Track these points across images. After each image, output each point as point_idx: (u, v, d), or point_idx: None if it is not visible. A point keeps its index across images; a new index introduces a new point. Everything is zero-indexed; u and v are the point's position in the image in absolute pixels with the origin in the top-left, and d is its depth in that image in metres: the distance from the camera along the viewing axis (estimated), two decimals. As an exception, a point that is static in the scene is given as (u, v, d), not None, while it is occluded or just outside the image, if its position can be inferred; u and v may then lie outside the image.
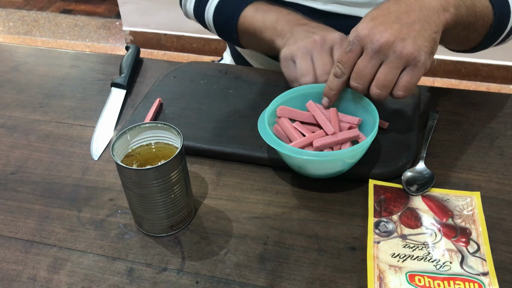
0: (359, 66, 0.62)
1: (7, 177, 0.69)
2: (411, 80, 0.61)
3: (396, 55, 0.60)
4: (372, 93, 0.63)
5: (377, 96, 0.63)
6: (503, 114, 0.77)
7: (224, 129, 0.73)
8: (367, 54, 0.61)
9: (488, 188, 0.64)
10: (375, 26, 0.61)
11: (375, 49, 0.60)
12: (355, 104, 0.67)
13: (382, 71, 0.61)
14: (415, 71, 0.61)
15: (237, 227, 0.61)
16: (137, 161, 0.59)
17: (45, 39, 2.78)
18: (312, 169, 0.64)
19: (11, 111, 0.82)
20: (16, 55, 0.97)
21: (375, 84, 0.62)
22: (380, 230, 0.59)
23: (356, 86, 0.63)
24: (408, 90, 0.62)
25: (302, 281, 0.55)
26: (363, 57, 0.62)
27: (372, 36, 0.61)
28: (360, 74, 0.62)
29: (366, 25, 0.62)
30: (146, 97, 0.80)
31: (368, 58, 0.61)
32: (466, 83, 2.32)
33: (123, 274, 0.56)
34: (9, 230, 0.62)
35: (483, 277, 0.53)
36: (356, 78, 0.63)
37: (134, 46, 0.93)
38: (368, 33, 0.61)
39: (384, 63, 0.61)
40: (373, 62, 0.61)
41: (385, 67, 0.61)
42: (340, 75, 0.64)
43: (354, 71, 0.63)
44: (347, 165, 0.63)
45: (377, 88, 0.62)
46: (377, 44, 0.60)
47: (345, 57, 0.63)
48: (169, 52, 2.62)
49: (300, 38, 0.72)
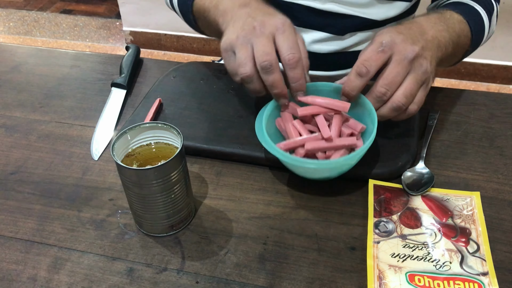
0: (393, 73, 0.61)
1: (7, 177, 0.69)
2: (423, 97, 0.64)
3: (423, 70, 0.62)
4: (395, 102, 0.62)
5: (399, 105, 0.62)
6: (503, 114, 0.77)
7: (224, 129, 0.73)
8: (400, 63, 0.61)
9: (488, 188, 0.64)
10: (406, 38, 0.62)
11: (410, 59, 0.61)
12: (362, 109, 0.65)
13: (410, 81, 0.61)
14: (426, 89, 0.64)
15: (237, 227, 0.61)
16: (137, 161, 0.59)
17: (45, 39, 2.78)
18: (302, 173, 0.64)
19: (11, 111, 0.82)
20: (16, 55, 0.97)
21: (403, 93, 0.61)
22: (380, 230, 0.59)
23: (385, 92, 0.61)
24: (420, 106, 0.64)
25: (302, 281, 0.55)
26: (395, 65, 0.61)
27: (406, 46, 0.61)
28: (393, 81, 0.61)
29: (397, 36, 0.62)
30: (146, 97, 0.80)
31: (401, 66, 0.61)
32: (466, 83, 2.32)
33: (123, 274, 0.56)
34: (9, 230, 0.62)
35: (483, 277, 0.53)
36: (388, 84, 0.61)
37: (134, 46, 0.93)
38: (402, 42, 0.62)
39: (411, 75, 0.62)
40: (404, 71, 0.61)
41: (412, 78, 0.62)
42: (366, 73, 0.61)
43: (386, 78, 0.61)
44: (335, 173, 0.63)
45: (404, 97, 0.61)
46: (412, 54, 0.61)
47: (375, 56, 0.61)
48: (169, 52, 2.63)
49: (239, 26, 0.66)
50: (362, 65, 0.61)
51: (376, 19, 0.85)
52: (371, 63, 0.61)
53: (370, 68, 0.61)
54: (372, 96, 0.63)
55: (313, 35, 0.88)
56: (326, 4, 0.84)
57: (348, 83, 0.63)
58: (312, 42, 0.88)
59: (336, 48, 0.88)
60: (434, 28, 0.67)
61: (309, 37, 0.88)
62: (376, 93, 0.62)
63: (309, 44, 0.88)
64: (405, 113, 0.64)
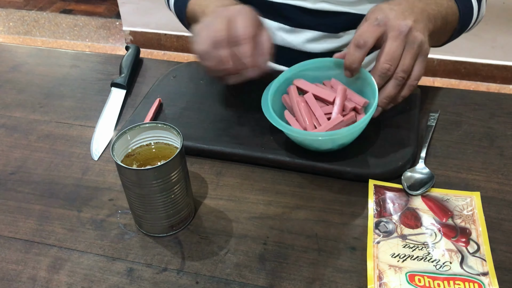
0: (392, 48, 0.63)
1: (7, 177, 0.69)
2: (422, 70, 0.65)
3: (417, 43, 0.64)
4: (396, 77, 0.64)
5: (399, 81, 0.64)
6: (503, 114, 0.77)
7: (224, 129, 0.73)
8: (397, 38, 0.63)
9: (488, 188, 0.64)
10: (398, 14, 0.65)
11: (405, 33, 0.63)
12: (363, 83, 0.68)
13: (407, 56, 0.64)
14: (423, 62, 0.65)
15: (237, 227, 0.61)
16: (137, 161, 0.59)
17: (45, 39, 2.78)
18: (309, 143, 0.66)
19: (11, 111, 0.82)
20: (16, 55, 0.97)
21: (402, 68, 0.64)
22: (380, 230, 0.59)
23: (389, 67, 0.64)
24: (419, 79, 0.65)
25: (302, 281, 0.55)
26: (392, 40, 0.63)
27: (400, 22, 0.64)
28: (394, 56, 0.63)
29: (390, 12, 0.65)
30: (146, 97, 0.80)
31: (399, 41, 0.63)
32: (466, 83, 2.32)
33: (123, 274, 0.56)
34: (9, 230, 0.62)
35: (483, 277, 0.53)
36: (390, 60, 0.63)
37: (134, 46, 0.93)
38: (395, 18, 0.64)
39: (407, 49, 0.64)
40: (402, 45, 0.64)
41: (408, 52, 0.64)
42: (363, 44, 0.63)
43: (388, 53, 0.64)
44: (340, 142, 0.65)
45: (403, 72, 0.64)
46: (406, 29, 0.63)
47: (371, 29, 0.64)
48: (169, 52, 2.62)
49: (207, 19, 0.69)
50: (360, 37, 0.64)
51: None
52: (368, 35, 0.64)
53: (368, 39, 0.63)
54: (376, 74, 0.65)
55: (307, 35, 0.88)
56: (317, 3, 0.84)
57: (348, 57, 0.65)
58: (306, 41, 0.88)
59: (330, 46, 0.88)
60: (423, 2, 0.70)
61: (302, 37, 0.88)
62: (381, 70, 0.64)
63: (303, 44, 0.89)
64: (407, 88, 0.66)
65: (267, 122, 0.65)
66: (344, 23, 0.87)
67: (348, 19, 0.86)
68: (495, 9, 2.06)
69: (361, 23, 0.68)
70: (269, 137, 0.70)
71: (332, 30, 0.87)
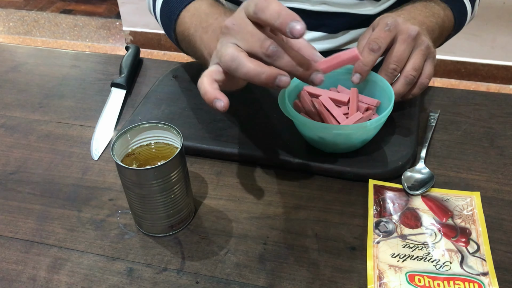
0: (399, 50, 0.67)
1: (7, 177, 0.69)
2: (432, 70, 0.69)
3: (425, 45, 0.67)
4: (406, 75, 0.67)
5: (411, 78, 0.67)
6: (503, 114, 0.77)
7: (224, 129, 0.73)
8: (405, 40, 0.67)
9: (488, 188, 0.64)
10: (405, 20, 0.69)
11: (413, 36, 0.66)
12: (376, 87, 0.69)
13: (417, 55, 0.67)
14: (432, 63, 0.69)
15: (237, 227, 0.61)
16: (137, 161, 0.59)
17: (45, 39, 2.78)
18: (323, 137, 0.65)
19: (11, 111, 0.82)
20: (16, 55, 0.97)
21: (413, 66, 0.67)
22: (380, 230, 0.59)
23: (395, 67, 0.67)
24: (430, 78, 0.69)
25: (302, 281, 0.55)
26: (401, 43, 0.67)
27: (408, 26, 0.67)
28: (400, 58, 0.67)
29: (398, 17, 0.69)
30: (146, 97, 0.80)
31: (406, 44, 0.67)
32: (466, 83, 2.32)
33: (123, 274, 0.56)
34: (9, 230, 0.62)
35: (483, 277, 0.53)
36: (397, 61, 0.67)
37: (134, 46, 0.93)
38: (403, 23, 0.68)
39: (416, 50, 0.68)
40: (410, 48, 0.67)
41: (418, 53, 0.67)
42: (377, 49, 0.66)
43: (394, 55, 0.67)
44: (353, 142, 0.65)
45: (413, 69, 0.67)
46: (414, 32, 0.66)
47: (383, 34, 0.67)
48: (169, 52, 2.63)
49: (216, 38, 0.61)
50: (374, 42, 0.67)
51: (369, 14, 0.86)
52: (381, 40, 0.67)
53: (381, 44, 0.67)
54: (384, 73, 0.68)
55: (306, 36, 0.88)
56: (316, 5, 0.84)
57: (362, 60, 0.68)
58: None
59: (329, 46, 0.89)
60: (422, 15, 0.75)
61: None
62: (388, 70, 0.67)
63: None
64: (417, 87, 0.69)
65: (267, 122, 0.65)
66: (343, 23, 0.87)
67: (347, 20, 0.86)
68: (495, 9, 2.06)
69: (366, 30, 0.72)
70: (269, 137, 0.70)
71: (332, 31, 0.87)
